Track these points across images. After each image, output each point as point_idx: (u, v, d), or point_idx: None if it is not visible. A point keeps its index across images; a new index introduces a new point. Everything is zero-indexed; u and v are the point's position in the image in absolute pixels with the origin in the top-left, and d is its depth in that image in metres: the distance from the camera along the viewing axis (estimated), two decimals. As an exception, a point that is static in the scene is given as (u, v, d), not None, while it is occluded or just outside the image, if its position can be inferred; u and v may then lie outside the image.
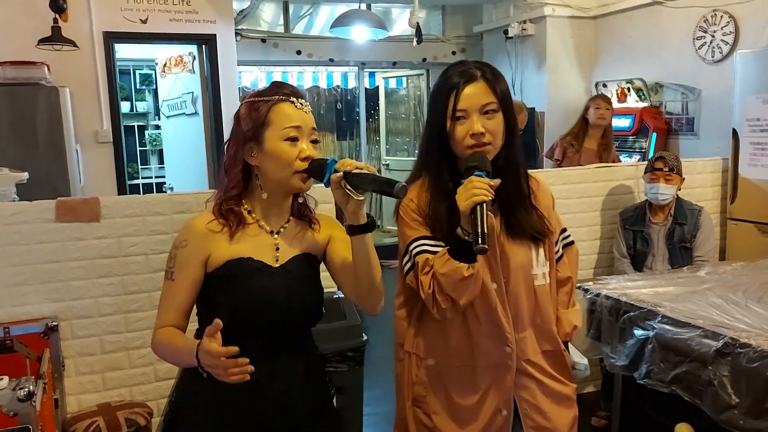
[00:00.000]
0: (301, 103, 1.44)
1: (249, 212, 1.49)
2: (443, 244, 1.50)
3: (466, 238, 1.39)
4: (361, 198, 1.34)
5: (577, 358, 1.84)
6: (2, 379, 1.61)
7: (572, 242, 1.77)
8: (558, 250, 1.71)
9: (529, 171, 1.67)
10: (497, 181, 1.42)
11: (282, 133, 1.41)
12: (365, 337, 2.61)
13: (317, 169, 1.39)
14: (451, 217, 1.48)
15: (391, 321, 1.68)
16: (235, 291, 1.43)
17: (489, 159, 1.48)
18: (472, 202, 1.36)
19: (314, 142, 1.45)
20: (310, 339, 1.58)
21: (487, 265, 1.54)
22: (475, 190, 1.37)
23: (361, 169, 1.33)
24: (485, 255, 1.48)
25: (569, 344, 1.75)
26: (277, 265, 1.47)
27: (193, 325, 1.49)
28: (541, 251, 1.62)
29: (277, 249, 1.48)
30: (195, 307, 1.49)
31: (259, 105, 1.43)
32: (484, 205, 1.36)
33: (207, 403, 1.42)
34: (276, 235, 1.49)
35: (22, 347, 1.81)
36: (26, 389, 1.55)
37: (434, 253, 1.50)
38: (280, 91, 1.45)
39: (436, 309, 1.48)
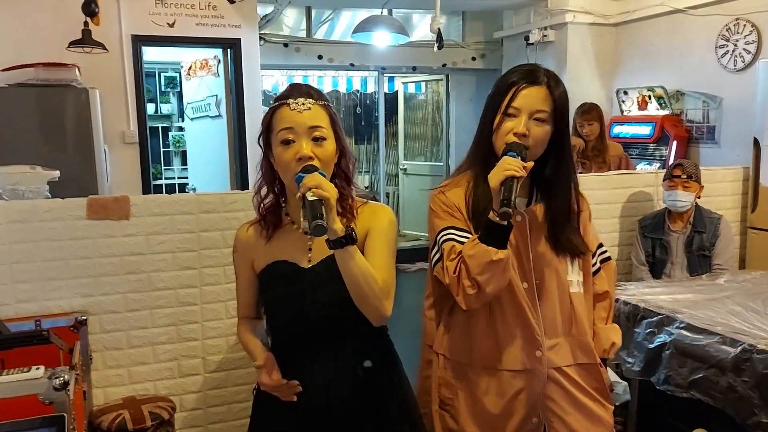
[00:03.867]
0: (297, 103, 1.41)
1: (287, 214, 1.52)
2: (470, 235, 1.49)
3: (497, 219, 1.39)
4: (305, 231, 1.29)
5: (615, 379, 1.79)
6: (39, 368, 1.66)
7: (609, 257, 1.73)
8: (595, 263, 1.67)
9: None
10: (530, 164, 1.42)
11: (278, 136, 1.42)
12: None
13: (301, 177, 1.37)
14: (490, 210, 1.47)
15: (408, 321, 1.69)
16: (269, 294, 1.52)
17: (526, 152, 1.46)
18: (502, 176, 1.37)
19: (318, 139, 1.41)
20: (365, 336, 1.51)
21: (517, 264, 1.52)
22: (507, 165, 1.38)
23: (316, 194, 1.27)
24: (517, 254, 1.49)
25: (607, 365, 1.68)
26: (308, 267, 1.48)
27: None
28: (577, 260, 1.60)
29: (310, 250, 1.49)
30: None
31: (267, 112, 1.47)
32: (515, 180, 1.37)
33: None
34: (310, 235, 1.44)
35: (57, 339, 1.88)
36: (62, 378, 1.61)
37: (460, 241, 1.49)
38: (284, 94, 1.46)
39: (462, 295, 1.46)
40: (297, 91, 1.45)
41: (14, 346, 1.87)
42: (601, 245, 1.72)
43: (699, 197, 3.17)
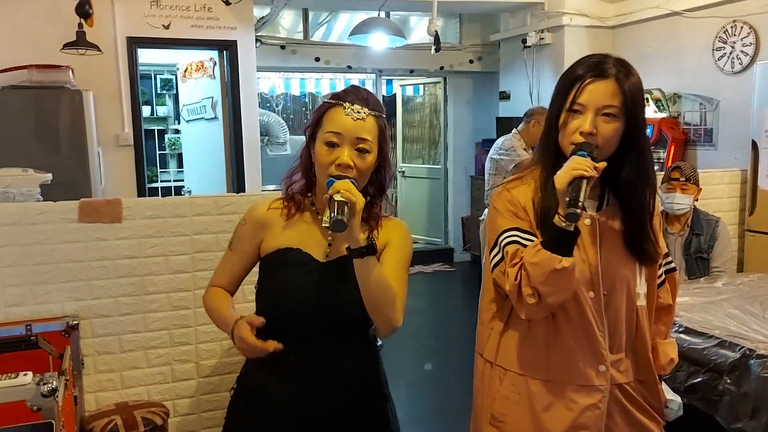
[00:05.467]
0: (353, 110, 1.43)
1: (312, 204, 1.52)
2: (536, 238, 1.39)
3: (563, 224, 1.29)
4: (326, 225, 1.32)
5: (670, 395, 1.72)
6: (26, 374, 1.64)
7: (674, 269, 1.62)
8: (660, 275, 1.56)
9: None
10: (602, 165, 1.32)
11: (324, 136, 1.43)
12: (380, 342, 2.62)
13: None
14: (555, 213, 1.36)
15: (407, 323, 1.62)
16: (275, 280, 1.50)
17: (598, 152, 1.36)
18: (570, 176, 1.28)
19: (362, 151, 1.43)
20: (357, 340, 1.53)
21: (587, 272, 1.42)
22: (575, 164, 1.29)
23: (344, 196, 1.30)
24: (584, 261, 1.40)
25: (663, 381, 1.61)
26: (323, 261, 1.48)
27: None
28: (644, 270, 1.50)
29: (330, 245, 1.48)
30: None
31: (322, 106, 1.49)
32: (584, 181, 1.28)
33: (256, 385, 1.54)
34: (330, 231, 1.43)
35: (45, 344, 1.85)
36: (50, 385, 1.59)
37: (525, 245, 1.38)
38: (342, 94, 1.47)
39: (521, 305, 1.37)
40: (355, 94, 1.46)
41: (2, 352, 1.85)
42: (666, 254, 1.58)
43: (697, 200, 3.16)
